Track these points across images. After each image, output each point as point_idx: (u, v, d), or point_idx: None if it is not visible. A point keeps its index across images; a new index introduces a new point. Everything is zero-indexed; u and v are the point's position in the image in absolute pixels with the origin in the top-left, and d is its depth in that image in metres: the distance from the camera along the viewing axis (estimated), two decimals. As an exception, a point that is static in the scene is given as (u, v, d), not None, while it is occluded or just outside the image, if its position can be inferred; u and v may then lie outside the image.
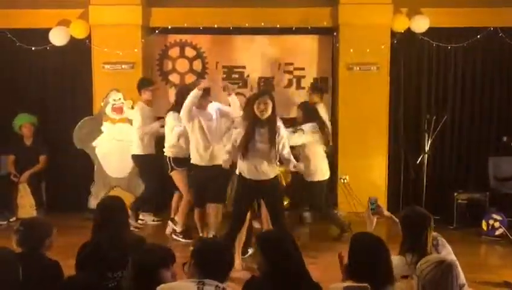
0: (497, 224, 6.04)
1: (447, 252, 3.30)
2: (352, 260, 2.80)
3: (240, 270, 4.71)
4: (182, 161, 5.72)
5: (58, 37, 6.92)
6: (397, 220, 3.48)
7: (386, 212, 3.63)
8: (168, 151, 5.80)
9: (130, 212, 6.36)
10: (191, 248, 2.77)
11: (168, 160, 5.77)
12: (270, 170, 4.65)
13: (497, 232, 6.03)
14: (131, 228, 6.09)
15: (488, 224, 6.09)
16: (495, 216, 6.07)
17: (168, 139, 5.80)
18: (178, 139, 5.74)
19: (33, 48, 7.05)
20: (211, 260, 2.58)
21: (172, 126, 5.70)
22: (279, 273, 2.70)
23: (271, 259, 2.73)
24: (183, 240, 5.77)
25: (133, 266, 2.53)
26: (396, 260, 3.18)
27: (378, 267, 2.73)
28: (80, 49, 7.04)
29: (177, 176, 5.81)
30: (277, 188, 4.81)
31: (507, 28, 7.02)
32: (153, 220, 6.71)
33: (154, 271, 2.49)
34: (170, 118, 5.74)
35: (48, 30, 6.91)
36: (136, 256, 2.56)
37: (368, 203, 3.60)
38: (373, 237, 2.89)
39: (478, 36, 7.02)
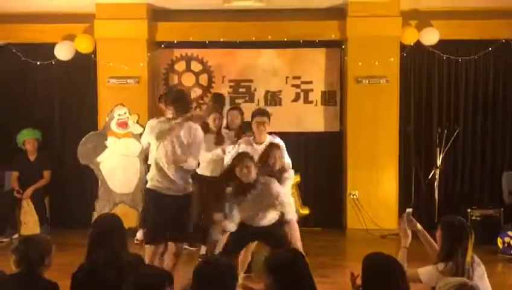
0: (513, 242, 5.85)
1: (481, 272, 3.17)
2: (365, 281, 2.68)
3: None
4: None
5: (63, 52, 6.89)
6: (430, 238, 3.40)
7: (419, 226, 3.50)
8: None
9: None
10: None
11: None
12: (264, 219, 4.34)
13: (514, 250, 5.85)
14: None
15: (503, 242, 5.89)
16: (511, 233, 5.88)
17: None
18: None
19: (38, 63, 7.03)
20: (212, 283, 2.44)
21: None
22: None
23: (280, 279, 2.60)
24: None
25: (128, 288, 2.40)
26: (427, 269, 3.06)
27: (392, 289, 2.59)
28: (85, 64, 7.01)
29: None
30: (275, 232, 4.34)
31: (518, 40, 6.92)
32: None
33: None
34: None
35: (53, 45, 6.88)
36: (132, 278, 2.43)
37: (404, 216, 3.45)
38: (386, 256, 2.76)
39: (489, 48, 6.92)
